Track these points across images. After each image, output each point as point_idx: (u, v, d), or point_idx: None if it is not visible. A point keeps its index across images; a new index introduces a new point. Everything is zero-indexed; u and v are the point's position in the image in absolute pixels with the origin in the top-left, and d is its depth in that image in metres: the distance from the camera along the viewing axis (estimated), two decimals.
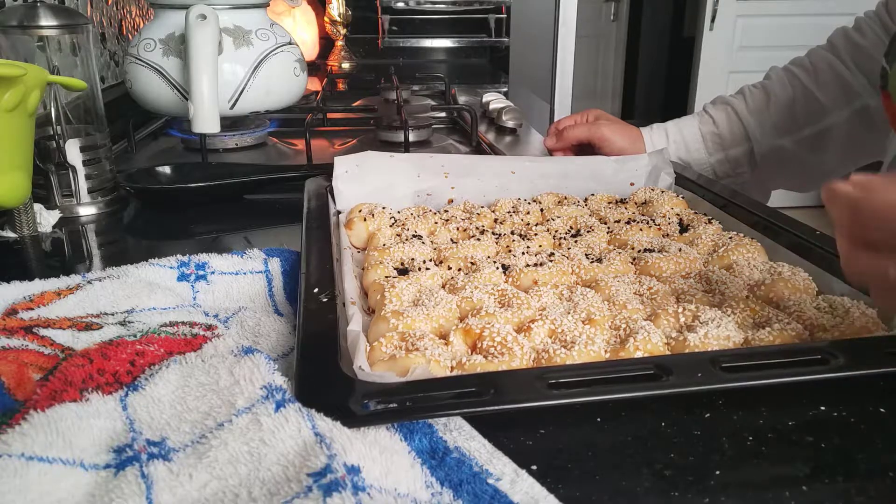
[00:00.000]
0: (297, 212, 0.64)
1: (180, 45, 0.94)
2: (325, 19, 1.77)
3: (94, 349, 0.39)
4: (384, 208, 0.64)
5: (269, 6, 1.03)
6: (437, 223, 0.63)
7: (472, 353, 0.43)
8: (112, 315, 0.46)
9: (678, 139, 0.90)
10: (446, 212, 0.67)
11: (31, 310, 0.45)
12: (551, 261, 0.54)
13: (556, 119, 1.45)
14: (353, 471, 0.30)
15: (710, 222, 0.63)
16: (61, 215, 0.72)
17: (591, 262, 0.55)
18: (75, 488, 0.31)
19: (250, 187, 0.80)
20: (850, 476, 0.33)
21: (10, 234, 0.67)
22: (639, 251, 0.57)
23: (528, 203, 0.69)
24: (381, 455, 0.32)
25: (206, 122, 0.86)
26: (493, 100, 1.23)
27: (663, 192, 0.70)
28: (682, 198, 0.69)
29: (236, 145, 1.02)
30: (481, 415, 0.36)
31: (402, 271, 0.54)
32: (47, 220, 0.70)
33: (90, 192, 0.74)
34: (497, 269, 0.53)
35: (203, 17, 0.86)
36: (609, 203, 0.70)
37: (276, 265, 0.54)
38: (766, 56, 1.23)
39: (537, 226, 0.64)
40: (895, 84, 0.56)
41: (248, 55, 0.96)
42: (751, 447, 0.35)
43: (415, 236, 0.60)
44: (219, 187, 0.78)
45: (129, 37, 1.35)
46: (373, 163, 0.70)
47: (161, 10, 0.97)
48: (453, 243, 0.59)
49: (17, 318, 0.44)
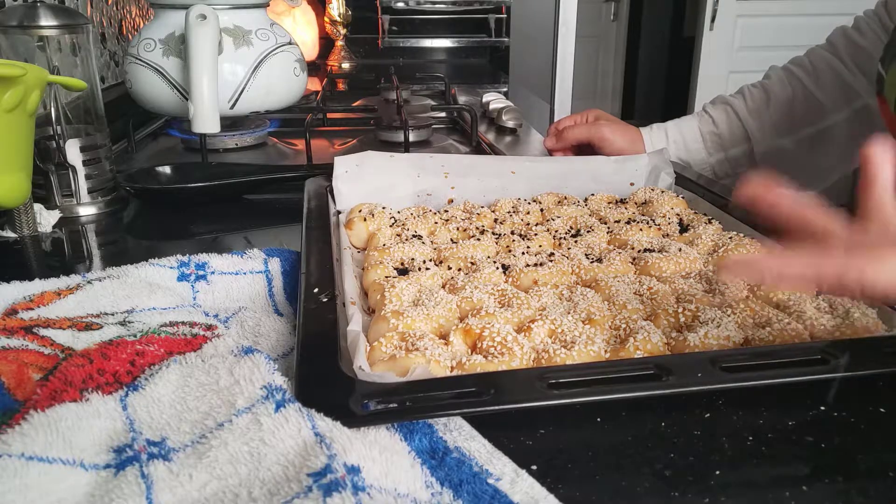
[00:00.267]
0: (297, 212, 0.64)
1: (180, 45, 0.94)
2: (325, 19, 1.77)
3: (94, 349, 0.39)
4: (384, 208, 0.64)
5: (269, 6, 1.03)
6: (437, 223, 0.63)
7: (472, 353, 0.43)
8: (112, 315, 0.46)
9: (678, 139, 0.90)
10: (446, 212, 0.67)
11: (31, 310, 0.45)
12: (551, 261, 0.54)
13: (555, 119, 1.45)
14: (353, 471, 0.30)
15: (710, 222, 0.63)
16: (61, 215, 0.72)
17: (591, 262, 0.55)
18: (75, 488, 0.31)
19: (250, 187, 0.80)
20: (850, 476, 0.33)
21: (10, 234, 0.67)
22: (639, 251, 0.57)
23: (528, 203, 0.69)
24: (381, 455, 0.32)
25: (206, 122, 0.86)
26: (493, 100, 1.23)
27: (663, 192, 0.70)
28: (682, 198, 0.69)
29: (236, 145, 1.02)
30: (481, 415, 0.36)
31: (402, 271, 0.54)
32: (47, 220, 0.70)
33: (90, 192, 0.74)
34: (497, 269, 0.53)
35: (203, 17, 0.86)
36: (609, 203, 0.70)
37: (276, 265, 0.54)
38: (766, 56, 1.23)
39: (537, 226, 0.64)
40: (891, 89, 0.56)
41: (248, 55, 0.96)
42: (751, 447, 0.35)
43: (415, 236, 0.60)
44: (219, 187, 0.78)
45: (129, 37, 1.35)
46: (373, 163, 0.70)
47: (161, 10, 0.97)
48: (453, 243, 0.59)
49: (17, 318, 0.44)
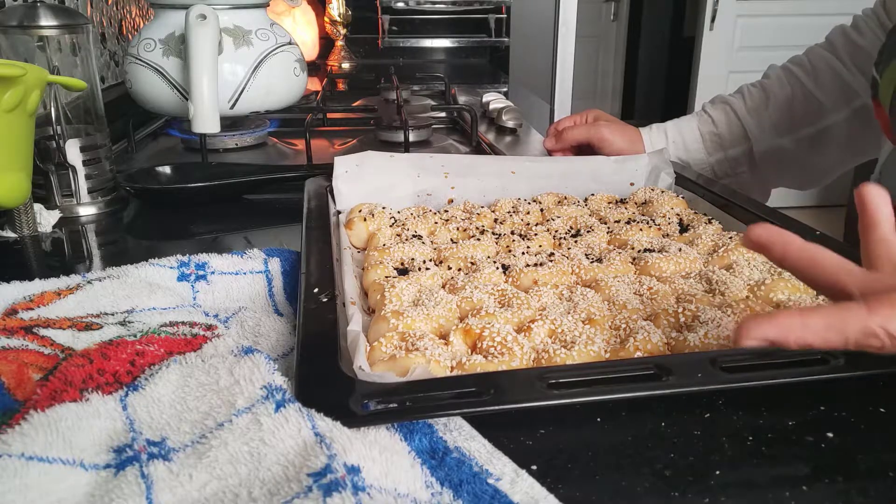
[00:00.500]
0: (297, 212, 0.64)
1: (180, 45, 0.94)
2: (325, 19, 1.77)
3: (94, 349, 0.39)
4: (384, 208, 0.64)
5: (269, 6, 1.03)
6: (437, 223, 0.63)
7: (472, 353, 0.43)
8: (112, 315, 0.46)
9: (677, 139, 0.90)
10: (446, 212, 0.67)
11: (31, 310, 0.45)
12: (551, 261, 0.54)
13: (555, 119, 1.45)
14: (353, 471, 0.30)
15: (710, 222, 0.63)
16: (61, 215, 0.72)
17: (591, 262, 0.55)
18: (75, 488, 0.31)
19: (250, 187, 0.80)
20: (850, 476, 0.33)
21: (10, 234, 0.67)
22: (639, 251, 0.57)
23: (528, 203, 0.69)
24: (381, 455, 0.32)
25: (206, 122, 0.86)
26: (493, 100, 1.23)
27: (663, 192, 0.70)
28: (682, 198, 0.69)
29: (236, 145, 1.02)
30: (481, 415, 0.36)
31: (402, 271, 0.54)
32: (47, 220, 0.70)
33: (90, 192, 0.74)
34: (497, 269, 0.53)
35: (203, 17, 0.86)
36: (609, 203, 0.70)
37: (276, 265, 0.54)
38: (766, 56, 1.23)
39: (537, 226, 0.64)
40: (885, 93, 0.56)
41: (248, 55, 0.96)
42: (751, 447, 0.35)
43: (415, 236, 0.60)
44: (219, 187, 0.78)
45: (129, 37, 1.35)
46: (373, 163, 0.70)
47: (161, 10, 0.97)
48: (453, 243, 0.59)
49: (17, 318, 0.44)
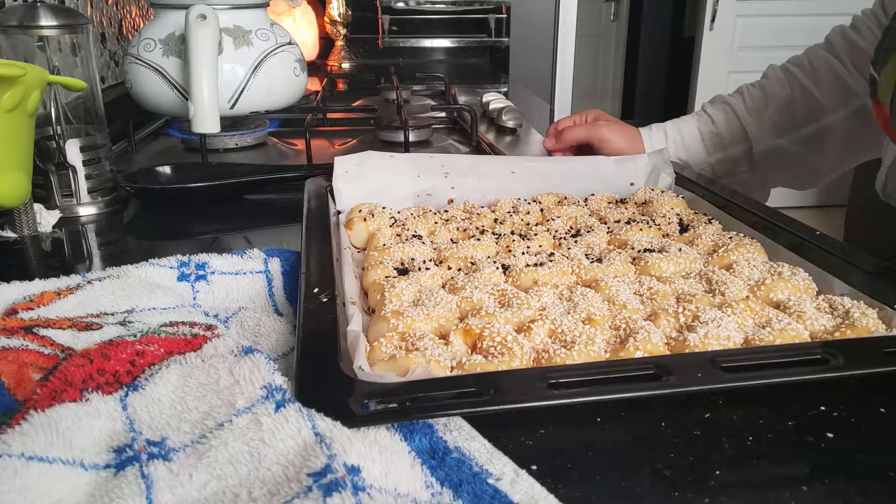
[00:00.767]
0: (297, 212, 0.64)
1: (180, 45, 0.94)
2: (325, 19, 1.77)
3: (94, 349, 0.39)
4: (384, 208, 0.64)
5: (269, 6, 1.03)
6: (437, 223, 0.63)
7: (472, 353, 0.43)
8: (112, 315, 0.46)
9: (677, 139, 0.90)
10: (446, 212, 0.67)
11: (31, 310, 0.45)
12: (551, 261, 0.54)
13: (555, 119, 1.45)
14: (353, 471, 0.30)
15: (710, 222, 0.63)
16: (61, 215, 0.72)
17: (591, 262, 0.55)
18: (75, 488, 0.31)
19: (250, 187, 0.80)
20: (850, 476, 0.33)
21: (10, 234, 0.67)
22: (639, 251, 0.57)
23: (528, 203, 0.69)
24: (381, 455, 0.32)
25: (206, 122, 0.86)
26: (493, 100, 1.23)
27: (663, 192, 0.70)
28: (682, 198, 0.69)
29: (236, 145, 1.02)
30: (481, 415, 0.36)
31: (402, 271, 0.54)
32: (47, 220, 0.70)
33: (90, 192, 0.74)
34: (497, 269, 0.53)
35: (203, 17, 0.86)
36: (609, 203, 0.70)
37: (276, 265, 0.54)
38: (766, 56, 1.23)
39: (537, 226, 0.64)
40: (884, 91, 0.56)
41: (248, 55, 0.96)
42: (751, 447, 0.35)
43: (415, 236, 0.60)
44: (219, 187, 0.78)
45: (129, 37, 1.35)
46: (373, 163, 0.70)
47: (161, 10, 0.97)
48: (453, 243, 0.59)
49: (17, 318, 0.44)
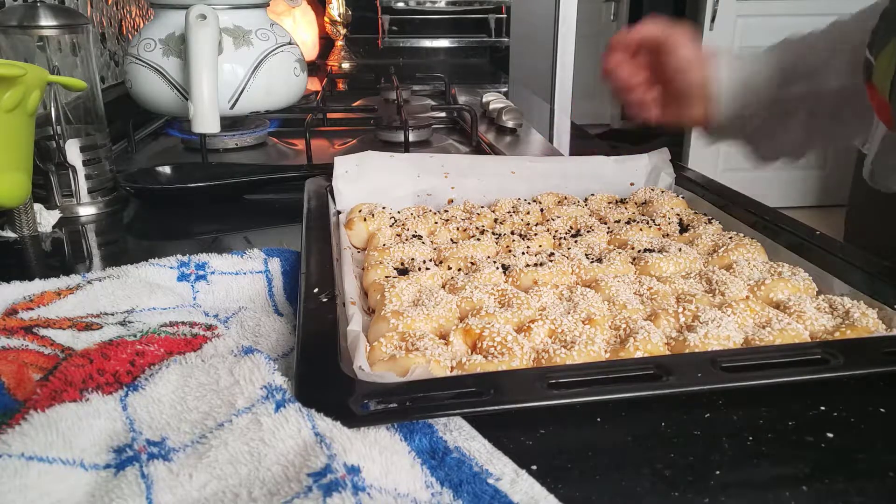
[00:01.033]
0: (297, 212, 0.64)
1: (180, 45, 0.94)
2: (325, 19, 1.77)
3: (94, 349, 0.39)
4: (384, 208, 0.64)
5: (269, 6, 1.03)
6: (437, 223, 0.63)
7: (472, 353, 0.43)
8: (112, 315, 0.46)
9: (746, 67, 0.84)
10: (446, 212, 0.67)
11: (31, 310, 0.45)
12: (551, 261, 0.54)
13: (555, 119, 1.45)
14: (353, 471, 0.30)
15: (710, 222, 0.63)
16: (61, 215, 0.72)
17: (591, 262, 0.55)
18: (75, 488, 0.31)
19: (250, 187, 0.80)
20: (850, 476, 0.33)
21: (10, 234, 0.67)
22: (639, 251, 0.57)
23: (528, 203, 0.69)
24: (381, 455, 0.32)
25: (206, 122, 0.86)
26: (493, 100, 1.23)
27: (663, 191, 0.70)
28: (682, 198, 0.69)
29: (236, 145, 1.02)
30: (481, 415, 0.36)
31: (402, 271, 0.54)
32: (47, 220, 0.70)
33: (90, 192, 0.74)
34: (497, 269, 0.53)
35: (203, 17, 0.86)
36: (609, 203, 0.70)
37: (276, 265, 0.54)
38: None
39: (537, 226, 0.64)
40: (880, 76, 0.56)
41: (248, 55, 0.96)
42: (751, 447, 0.35)
43: (415, 236, 0.60)
44: (219, 187, 0.78)
45: (129, 37, 1.35)
46: (373, 163, 0.70)
47: (161, 10, 0.97)
48: (453, 243, 0.59)
49: (17, 318, 0.44)
